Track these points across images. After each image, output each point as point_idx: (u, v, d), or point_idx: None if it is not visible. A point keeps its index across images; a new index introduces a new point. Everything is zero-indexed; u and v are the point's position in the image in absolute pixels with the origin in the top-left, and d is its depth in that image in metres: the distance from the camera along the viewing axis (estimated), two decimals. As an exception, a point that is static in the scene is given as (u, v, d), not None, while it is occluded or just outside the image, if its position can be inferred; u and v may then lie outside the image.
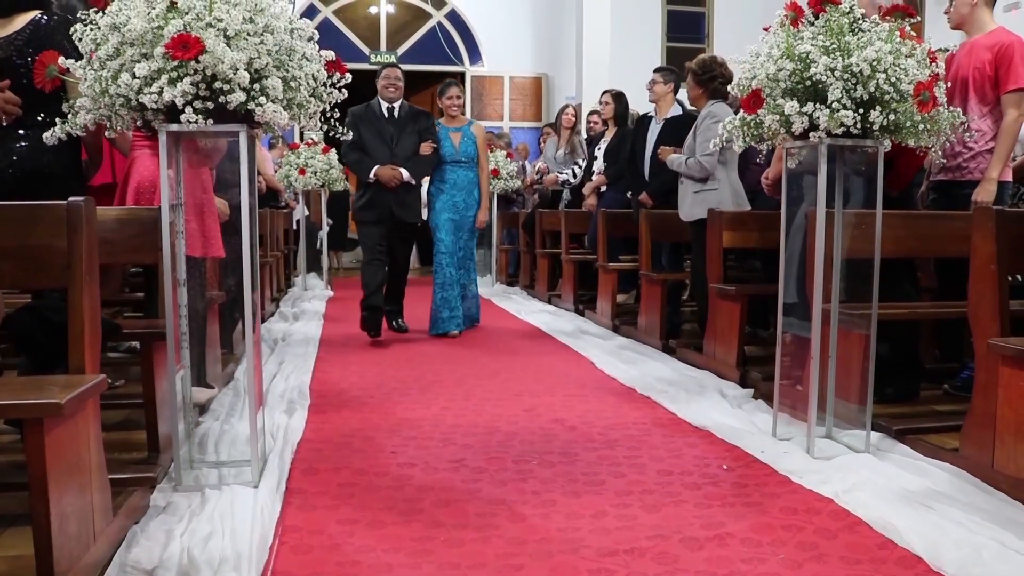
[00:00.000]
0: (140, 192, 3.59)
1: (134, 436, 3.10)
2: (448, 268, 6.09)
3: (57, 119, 2.63)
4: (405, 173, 5.81)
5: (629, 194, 6.46)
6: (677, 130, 5.56)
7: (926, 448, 3.14)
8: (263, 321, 6.09)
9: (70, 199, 2.19)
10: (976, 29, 3.95)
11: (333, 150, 9.01)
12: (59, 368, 2.73)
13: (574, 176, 8.25)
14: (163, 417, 2.98)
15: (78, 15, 2.65)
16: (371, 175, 5.79)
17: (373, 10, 13.02)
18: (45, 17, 3.01)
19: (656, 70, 6.33)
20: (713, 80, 4.98)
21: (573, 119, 8.55)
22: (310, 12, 12.15)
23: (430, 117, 6.14)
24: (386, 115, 5.93)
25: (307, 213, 10.27)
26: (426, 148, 5.94)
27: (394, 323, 6.17)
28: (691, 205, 4.98)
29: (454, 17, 12.92)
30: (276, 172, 9.19)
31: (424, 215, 6.33)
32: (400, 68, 6.18)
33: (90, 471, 2.17)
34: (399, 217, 5.89)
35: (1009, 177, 3.98)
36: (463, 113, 6.38)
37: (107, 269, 3.24)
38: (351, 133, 5.47)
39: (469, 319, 6.42)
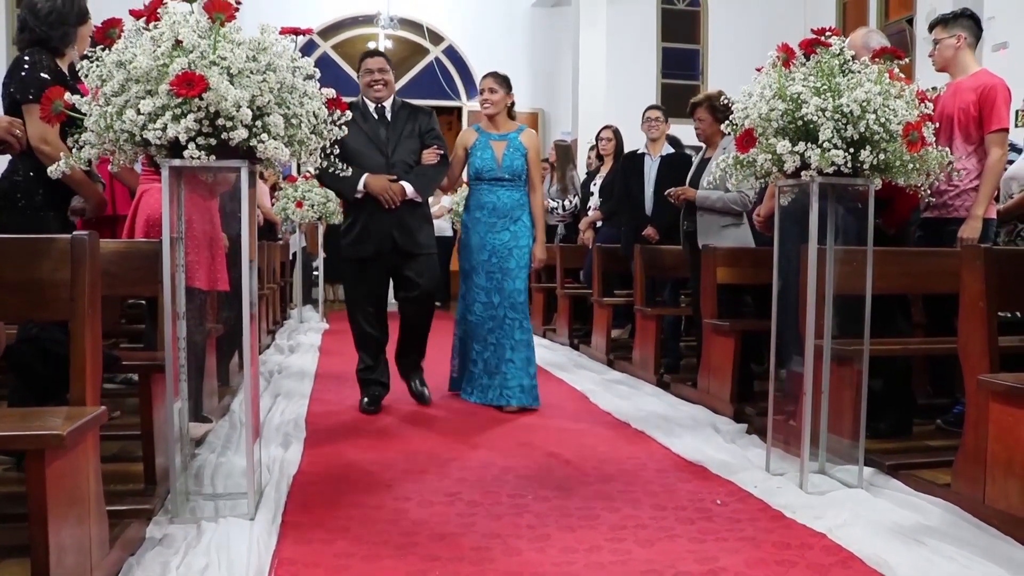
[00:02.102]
0: (151, 225, 3.63)
1: (130, 468, 3.10)
2: (489, 323, 4.70)
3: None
4: (408, 187, 4.46)
5: (623, 229, 6.51)
6: (675, 167, 5.62)
7: (918, 483, 3.16)
8: (259, 353, 6.07)
9: (75, 233, 2.23)
10: (960, 71, 4.05)
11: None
12: (55, 399, 2.76)
13: (563, 209, 8.29)
14: (160, 449, 2.99)
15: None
16: (360, 185, 4.41)
17: (372, 45, 13.14)
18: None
19: (655, 107, 6.43)
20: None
21: (555, 155, 8.61)
22: (309, 47, 12.26)
23: (431, 115, 4.74)
24: (376, 115, 4.58)
25: (304, 245, 10.31)
26: (430, 156, 4.58)
27: (412, 384, 4.81)
28: (719, 239, 4.98)
29: (452, 53, 13.05)
30: (273, 204, 9.25)
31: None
32: (386, 57, 4.72)
33: (88, 503, 2.18)
34: (404, 247, 4.52)
35: (993, 215, 4.06)
36: (510, 115, 4.88)
37: (105, 301, 3.27)
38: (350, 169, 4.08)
39: (530, 394, 4.70)
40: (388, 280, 4.65)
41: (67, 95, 2.59)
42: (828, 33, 3.06)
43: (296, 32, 2.76)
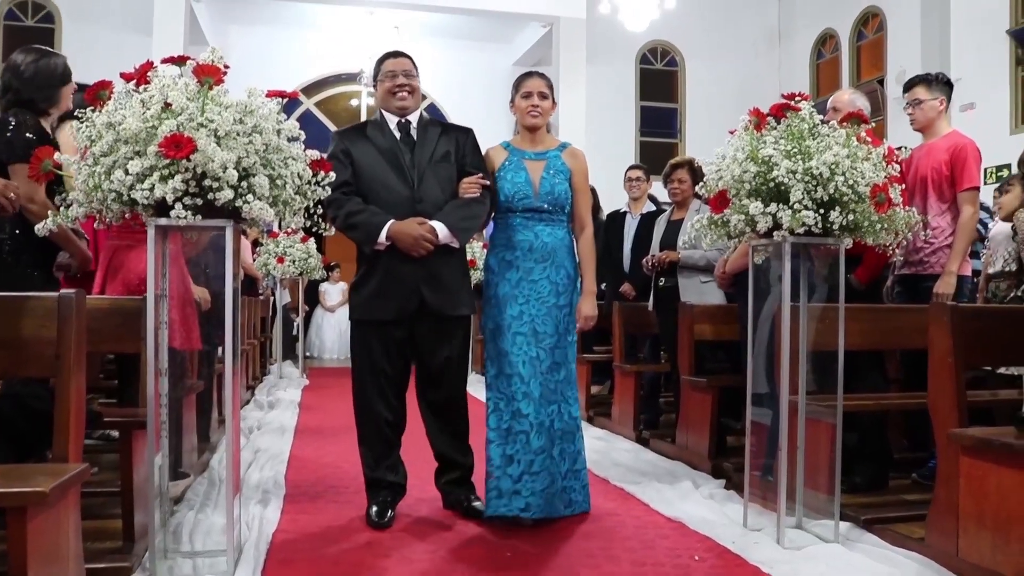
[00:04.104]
0: (129, 289, 3.63)
1: (108, 525, 3.08)
2: (522, 403, 3.39)
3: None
4: (442, 229, 3.37)
5: (603, 286, 6.58)
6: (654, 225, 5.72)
7: (894, 537, 3.19)
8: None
9: (62, 291, 2.26)
10: (934, 132, 4.18)
11: (312, 240, 9.15)
12: (35, 455, 2.76)
13: None
14: (139, 506, 2.98)
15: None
16: (383, 236, 3.34)
17: (354, 103, 13.36)
18: None
19: (637, 167, 6.58)
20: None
21: None
22: (292, 104, 12.36)
23: (470, 134, 3.67)
24: (398, 134, 3.53)
25: (286, 301, 10.33)
26: (471, 187, 3.47)
27: (464, 502, 3.58)
28: (700, 294, 5.09)
29: (433, 110, 13.23)
30: (254, 260, 9.30)
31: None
32: (413, 60, 3.61)
33: (68, 560, 2.19)
34: (435, 308, 3.43)
35: (968, 272, 4.16)
36: (550, 130, 3.90)
37: (87, 357, 3.28)
38: (334, 218, 3.34)
39: (563, 499, 3.53)
40: (411, 343, 3.50)
41: (56, 155, 2.64)
42: (797, 98, 3.17)
43: (282, 95, 2.83)
